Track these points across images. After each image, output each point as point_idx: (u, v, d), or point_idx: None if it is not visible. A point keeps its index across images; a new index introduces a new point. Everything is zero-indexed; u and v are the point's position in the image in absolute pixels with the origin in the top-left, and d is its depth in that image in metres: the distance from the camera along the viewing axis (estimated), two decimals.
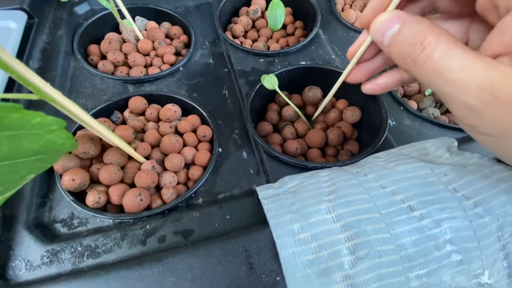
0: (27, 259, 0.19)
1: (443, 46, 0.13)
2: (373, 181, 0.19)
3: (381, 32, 0.15)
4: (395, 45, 0.15)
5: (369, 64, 0.20)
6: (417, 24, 0.14)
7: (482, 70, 0.12)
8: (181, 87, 0.31)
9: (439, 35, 0.13)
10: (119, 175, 0.23)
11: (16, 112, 0.09)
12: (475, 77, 0.13)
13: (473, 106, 0.13)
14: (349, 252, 0.16)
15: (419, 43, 0.14)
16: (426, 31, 0.14)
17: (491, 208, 0.17)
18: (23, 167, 0.11)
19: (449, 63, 0.13)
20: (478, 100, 0.13)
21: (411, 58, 0.14)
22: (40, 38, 0.32)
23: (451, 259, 0.17)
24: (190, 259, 0.16)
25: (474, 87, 0.13)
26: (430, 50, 0.13)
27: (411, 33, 0.14)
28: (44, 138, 0.10)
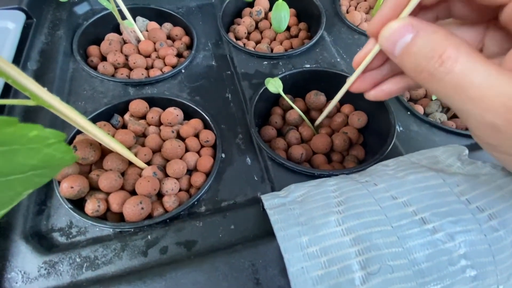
0: (24, 271, 0.18)
1: (464, 59, 0.12)
2: (384, 191, 0.18)
3: (392, 41, 0.14)
4: (409, 57, 0.14)
5: (375, 73, 0.18)
6: (434, 34, 0.13)
7: (508, 87, 0.12)
8: (183, 90, 0.30)
9: (459, 47, 0.12)
10: (119, 182, 0.22)
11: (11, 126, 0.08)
12: (501, 95, 0.12)
13: (497, 126, 0.12)
14: (360, 267, 0.15)
15: (437, 56, 0.13)
16: (445, 42, 0.13)
17: (507, 220, 0.17)
18: (20, 183, 0.10)
19: (472, 79, 0.12)
20: (504, 119, 0.12)
21: (428, 71, 0.13)
22: (38, 39, 0.31)
23: (466, 274, 0.16)
24: (194, 274, 0.16)
25: (499, 106, 0.12)
26: (450, 64, 0.12)
27: (428, 44, 0.13)
28: (42, 152, 0.10)
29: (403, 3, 0.14)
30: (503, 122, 0.12)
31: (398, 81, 0.18)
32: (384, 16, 0.15)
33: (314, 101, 0.29)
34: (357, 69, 0.18)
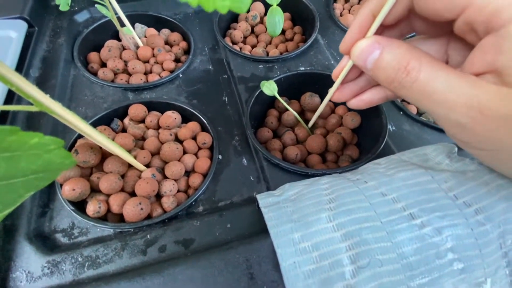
0: (28, 270, 0.19)
1: (427, 68, 0.14)
2: (374, 189, 0.19)
3: (363, 58, 0.16)
4: (379, 70, 0.15)
5: (352, 85, 0.20)
6: (398, 49, 0.15)
7: (467, 89, 0.13)
8: (180, 94, 0.31)
9: (421, 58, 0.14)
10: (119, 184, 0.23)
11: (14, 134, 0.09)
12: (461, 96, 0.13)
13: (463, 124, 0.13)
14: (350, 262, 0.16)
15: (403, 68, 0.14)
16: (408, 55, 0.14)
17: (492, 215, 0.17)
18: (22, 186, 0.11)
19: (435, 84, 0.13)
20: (467, 118, 0.13)
21: (397, 81, 0.15)
22: (40, 47, 0.32)
23: (453, 267, 0.16)
24: (191, 270, 0.16)
25: (462, 106, 0.13)
26: (414, 74, 0.14)
27: (394, 57, 0.15)
28: (43, 157, 0.11)
29: (368, 24, 0.16)
30: (467, 120, 0.13)
31: (377, 92, 0.20)
32: (353, 36, 0.17)
33: (309, 102, 0.30)
34: (336, 81, 0.20)
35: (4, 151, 0.09)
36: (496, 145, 0.14)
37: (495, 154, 0.15)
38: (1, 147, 0.09)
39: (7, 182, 0.10)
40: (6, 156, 0.09)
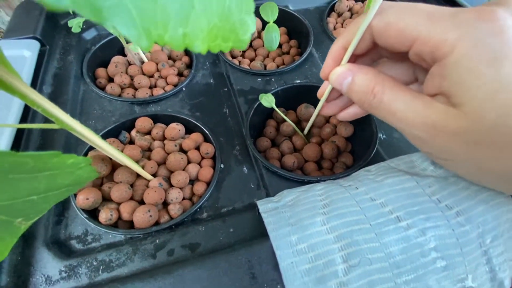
0: (47, 275, 0.21)
1: (389, 92, 0.16)
2: (364, 194, 0.21)
3: (339, 82, 0.19)
4: (352, 92, 0.18)
5: (338, 101, 0.23)
6: (365, 75, 0.17)
7: (422, 109, 0.15)
8: (184, 107, 0.33)
9: (384, 82, 0.17)
10: (129, 193, 0.25)
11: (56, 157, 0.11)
12: (418, 115, 0.15)
13: (422, 138, 0.16)
14: (343, 261, 0.18)
15: (370, 92, 0.17)
16: (373, 81, 0.17)
17: (472, 217, 0.19)
18: (54, 197, 0.12)
19: (396, 105, 0.16)
20: (425, 133, 0.15)
21: (367, 103, 0.17)
22: (52, 64, 0.34)
23: (436, 265, 0.18)
24: (198, 271, 0.18)
25: (419, 124, 0.15)
26: (379, 96, 0.17)
27: (362, 83, 0.17)
28: (75, 174, 0.12)
29: (340, 55, 0.19)
30: (424, 135, 0.15)
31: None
32: (329, 65, 0.20)
33: (304, 113, 0.32)
34: (321, 99, 0.24)
35: (47, 170, 0.11)
36: (452, 156, 0.16)
37: (453, 163, 0.17)
38: (46, 168, 0.11)
39: (44, 195, 0.12)
40: (48, 174, 0.11)
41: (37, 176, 0.11)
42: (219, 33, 0.09)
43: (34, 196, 0.11)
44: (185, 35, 0.08)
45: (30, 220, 0.13)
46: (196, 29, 0.08)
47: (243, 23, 0.09)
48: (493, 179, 0.17)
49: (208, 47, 0.09)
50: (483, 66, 0.13)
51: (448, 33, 0.14)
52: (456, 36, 0.14)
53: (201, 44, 0.08)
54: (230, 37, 0.10)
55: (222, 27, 0.09)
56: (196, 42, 0.08)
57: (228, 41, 0.09)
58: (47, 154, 0.10)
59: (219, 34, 0.09)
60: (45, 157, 0.10)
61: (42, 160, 0.10)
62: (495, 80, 0.13)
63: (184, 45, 0.08)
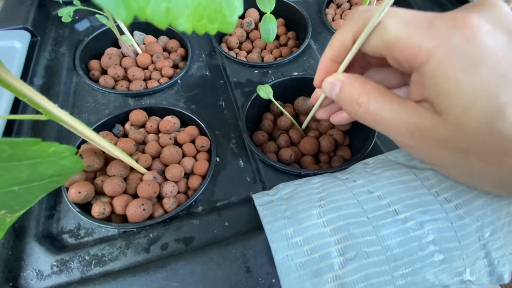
0: (38, 269, 0.20)
1: (374, 101, 0.16)
2: (361, 187, 0.20)
3: (329, 90, 0.19)
4: (341, 101, 0.18)
5: (332, 106, 0.24)
6: (351, 85, 0.17)
7: (408, 116, 0.15)
8: (179, 99, 0.32)
9: (370, 91, 0.17)
10: (122, 187, 0.24)
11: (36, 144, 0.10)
12: (404, 123, 0.15)
13: (411, 145, 0.16)
14: (339, 254, 0.17)
15: (355, 101, 0.17)
16: (359, 90, 0.17)
17: (471, 210, 0.19)
18: (38, 188, 0.12)
19: (382, 114, 0.16)
20: (412, 140, 0.15)
21: (353, 112, 0.17)
22: (43, 56, 0.33)
23: (434, 258, 0.18)
24: (192, 265, 0.17)
25: (405, 131, 0.15)
26: (365, 106, 0.17)
27: (349, 92, 0.17)
28: (58, 163, 0.12)
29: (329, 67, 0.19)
30: (412, 142, 0.15)
31: None
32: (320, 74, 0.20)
33: (302, 104, 0.31)
34: (315, 104, 0.24)
35: (27, 159, 0.10)
36: (442, 161, 0.16)
37: (444, 168, 0.17)
38: (25, 156, 0.10)
39: (27, 185, 0.11)
40: (29, 163, 0.10)
41: (17, 165, 0.10)
42: (204, 12, 0.09)
43: (15, 187, 0.11)
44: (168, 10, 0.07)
45: (15, 213, 0.13)
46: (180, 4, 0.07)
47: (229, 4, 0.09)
48: (486, 184, 0.17)
49: (193, 26, 0.09)
50: (459, 74, 0.13)
51: (423, 42, 0.14)
52: (431, 45, 0.14)
53: (186, 23, 0.08)
54: (216, 18, 0.09)
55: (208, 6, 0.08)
56: (180, 19, 0.08)
57: (215, 22, 0.09)
58: (26, 141, 0.10)
59: (204, 14, 0.08)
60: (23, 144, 0.10)
61: (20, 147, 0.10)
62: (472, 87, 0.13)
63: (168, 21, 0.07)
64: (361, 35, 0.16)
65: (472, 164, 0.15)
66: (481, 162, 0.14)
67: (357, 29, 0.16)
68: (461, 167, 0.15)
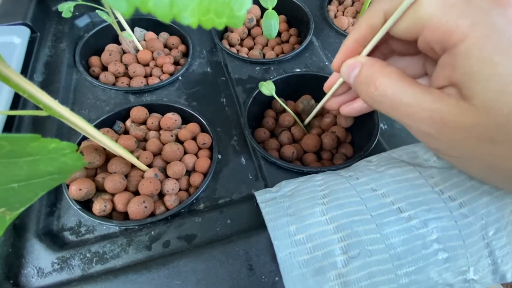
0: (39, 266, 0.20)
1: (394, 84, 0.15)
2: (365, 185, 0.20)
3: (347, 73, 0.18)
4: (357, 84, 0.17)
5: (344, 96, 0.23)
6: (371, 67, 0.17)
7: (431, 103, 0.14)
8: (180, 96, 0.32)
9: (389, 75, 0.16)
10: (123, 184, 0.24)
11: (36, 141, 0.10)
12: (426, 110, 0.14)
13: (431, 134, 0.15)
14: (342, 252, 0.17)
15: (373, 84, 0.16)
16: (379, 72, 0.16)
17: (475, 208, 0.19)
18: (38, 186, 0.12)
19: (402, 99, 0.15)
20: (433, 128, 0.14)
21: (369, 97, 0.17)
22: (43, 52, 0.33)
23: (438, 257, 0.18)
24: (194, 263, 0.17)
25: (427, 118, 0.14)
26: (382, 89, 0.16)
27: (367, 74, 0.17)
28: (59, 160, 0.12)
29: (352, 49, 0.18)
30: (433, 131, 0.14)
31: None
32: (341, 56, 0.19)
33: (306, 106, 0.31)
34: (328, 92, 0.23)
35: (27, 155, 0.10)
36: (462, 152, 0.15)
37: (462, 160, 0.16)
38: (25, 152, 0.10)
39: (27, 183, 0.11)
40: (28, 160, 0.10)
41: (17, 162, 0.10)
42: (211, 5, 0.08)
43: (14, 184, 0.10)
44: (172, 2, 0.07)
45: (15, 211, 0.13)
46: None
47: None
48: (502, 178, 0.16)
49: (199, 21, 0.08)
50: (496, 56, 0.12)
51: (460, 20, 0.13)
52: (468, 24, 0.13)
53: (191, 16, 0.08)
54: (223, 11, 0.09)
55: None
56: (185, 13, 0.07)
57: (222, 16, 0.09)
58: (25, 137, 0.10)
59: (211, 7, 0.08)
60: (23, 140, 0.10)
61: (19, 143, 0.10)
62: (509, 71, 0.12)
63: (172, 15, 0.07)
64: (394, 13, 0.15)
65: (495, 155, 0.14)
66: (505, 152, 0.13)
67: (389, 8, 0.15)
68: (481, 158, 0.14)
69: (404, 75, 0.16)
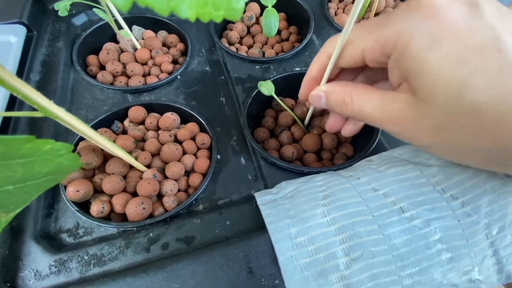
0: (36, 269, 0.20)
1: (357, 99, 0.18)
2: (366, 185, 0.20)
3: (317, 102, 0.21)
4: (332, 108, 0.20)
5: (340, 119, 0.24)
6: (333, 91, 0.19)
7: (387, 104, 0.16)
8: (179, 96, 0.31)
9: (351, 91, 0.18)
10: (121, 185, 0.24)
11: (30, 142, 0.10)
12: (384, 113, 0.16)
13: (396, 132, 0.17)
14: (344, 254, 0.17)
15: (342, 103, 0.19)
16: (341, 93, 0.19)
17: (478, 207, 0.18)
18: (34, 187, 0.11)
19: (365, 109, 0.17)
20: (395, 126, 0.16)
21: (344, 112, 0.19)
22: (39, 51, 0.33)
23: (442, 257, 0.17)
24: (193, 266, 0.17)
25: (387, 119, 0.16)
26: (350, 105, 0.18)
27: (334, 98, 0.19)
28: (54, 161, 0.11)
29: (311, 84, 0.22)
30: (396, 129, 0.16)
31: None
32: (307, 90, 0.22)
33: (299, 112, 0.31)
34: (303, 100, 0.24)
35: (21, 157, 0.10)
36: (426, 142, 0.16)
37: (432, 149, 0.17)
38: (19, 154, 0.10)
39: (22, 185, 0.11)
40: (23, 162, 0.10)
41: (11, 164, 0.10)
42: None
43: (9, 186, 0.10)
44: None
45: (10, 213, 0.12)
46: None
47: None
48: (476, 160, 0.17)
49: (196, 14, 0.08)
50: (422, 52, 0.14)
51: (384, 34, 0.15)
52: (392, 32, 0.15)
53: (189, 9, 0.07)
54: (221, 4, 0.08)
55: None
56: (182, 5, 0.07)
57: (219, 9, 0.08)
58: (19, 138, 0.09)
59: (209, 0, 0.08)
60: (16, 142, 0.09)
61: (13, 145, 0.09)
62: (435, 63, 0.13)
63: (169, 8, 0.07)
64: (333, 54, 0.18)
65: (453, 140, 0.15)
66: (460, 136, 0.14)
67: (330, 51, 0.19)
68: (444, 144, 0.15)
69: (363, 88, 0.18)
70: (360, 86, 0.18)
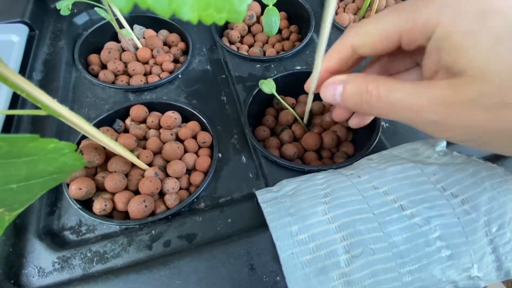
0: (39, 266, 0.20)
1: (383, 86, 0.16)
2: (366, 183, 0.20)
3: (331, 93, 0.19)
4: (347, 99, 0.18)
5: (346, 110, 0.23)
6: (356, 79, 0.17)
7: (424, 90, 0.14)
8: (180, 94, 0.31)
9: (375, 80, 0.16)
10: (123, 183, 0.24)
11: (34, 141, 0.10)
12: (422, 97, 0.14)
13: (436, 120, 0.14)
14: (345, 251, 0.17)
15: (365, 91, 0.17)
16: (365, 82, 0.17)
17: (478, 204, 0.18)
18: (38, 186, 0.12)
19: (396, 95, 0.15)
20: (436, 114, 0.14)
21: (365, 103, 0.17)
22: (41, 50, 0.33)
23: (441, 254, 0.18)
24: (195, 263, 0.17)
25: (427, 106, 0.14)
26: (375, 92, 0.16)
27: (355, 86, 0.17)
28: (58, 160, 0.11)
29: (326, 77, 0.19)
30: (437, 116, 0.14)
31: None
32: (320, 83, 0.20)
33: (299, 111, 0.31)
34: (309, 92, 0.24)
35: (25, 156, 0.10)
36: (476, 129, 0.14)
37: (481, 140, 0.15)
38: (23, 153, 0.10)
39: (26, 183, 0.11)
40: (27, 160, 0.10)
41: (15, 163, 0.10)
42: (211, 0, 0.08)
43: (13, 185, 0.10)
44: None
45: (14, 211, 0.13)
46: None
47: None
48: None
49: (199, 16, 0.08)
50: (472, 26, 0.13)
51: (425, 11, 0.14)
52: (434, 9, 0.14)
53: (191, 11, 0.07)
54: (224, 6, 0.08)
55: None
56: (184, 7, 0.07)
57: (222, 11, 0.08)
58: (23, 137, 0.09)
59: (211, 2, 0.08)
60: (21, 140, 0.09)
61: (17, 144, 0.09)
62: (488, 34, 0.13)
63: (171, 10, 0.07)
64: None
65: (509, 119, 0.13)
66: None
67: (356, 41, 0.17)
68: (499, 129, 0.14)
69: (388, 77, 0.16)
70: (382, 76, 0.17)
